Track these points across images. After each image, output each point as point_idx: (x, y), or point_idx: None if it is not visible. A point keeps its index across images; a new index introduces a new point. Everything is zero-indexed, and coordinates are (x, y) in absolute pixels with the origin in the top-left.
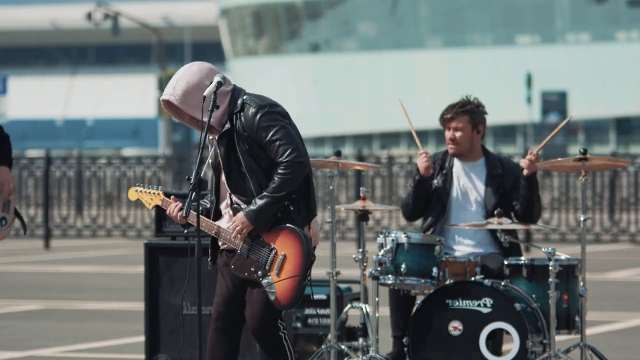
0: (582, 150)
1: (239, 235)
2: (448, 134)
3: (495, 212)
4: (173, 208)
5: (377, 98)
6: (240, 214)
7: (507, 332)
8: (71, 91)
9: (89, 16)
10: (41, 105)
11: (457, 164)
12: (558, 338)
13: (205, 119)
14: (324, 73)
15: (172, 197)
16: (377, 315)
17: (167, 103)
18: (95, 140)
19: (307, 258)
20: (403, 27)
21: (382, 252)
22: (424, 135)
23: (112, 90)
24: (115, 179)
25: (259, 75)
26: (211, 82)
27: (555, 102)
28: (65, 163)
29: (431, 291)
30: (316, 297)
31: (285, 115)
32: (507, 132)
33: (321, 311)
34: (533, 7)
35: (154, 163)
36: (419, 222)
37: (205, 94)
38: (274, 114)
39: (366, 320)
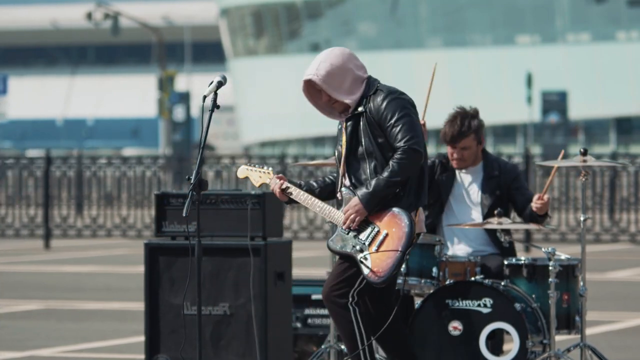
0: (582, 150)
1: (350, 223)
2: (454, 153)
3: (495, 212)
4: (274, 184)
5: None
6: (355, 199)
7: (507, 332)
8: (71, 91)
9: (89, 16)
10: (41, 105)
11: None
12: (558, 338)
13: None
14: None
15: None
16: None
17: (307, 84)
18: (95, 140)
19: (409, 238)
20: (403, 27)
21: None
22: None
23: (112, 90)
24: (115, 179)
25: (259, 75)
26: (355, 67)
27: (555, 102)
28: (65, 163)
29: (431, 291)
30: (316, 297)
31: (413, 105)
32: (507, 132)
33: (321, 311)
34: (533, 7)
35: (154, 163)
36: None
37: (205, 93)
38: (402, 100)
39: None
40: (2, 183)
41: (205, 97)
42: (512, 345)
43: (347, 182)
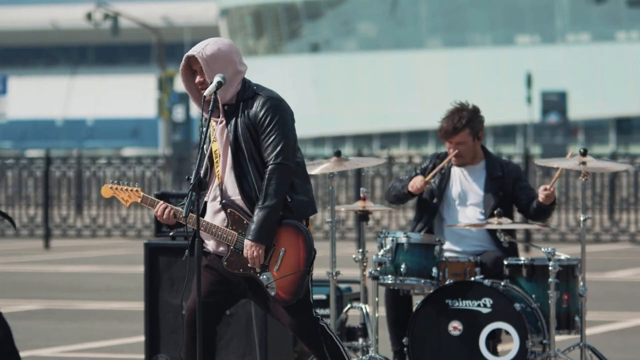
0: (582, 150)
1: (258, 260)
2: (450, 148)
3: (495, 212)
4: (161, 208)
5: (377, 98)
6: (247, 242)
7: (507, 332)
8: (71, 91)
9: (89, 16)
10: (41, 105)
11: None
12: (558, 338)
13: (206, 116)
14: (323, 73)
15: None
16: (377, 315)
17: (187, 61)
18: (95, 140)
19: (309, 252)
20: (403, 27)
21: (381, 252)
22: (424, 135)
23: (112, 91)
24: (115, 179)
25: (259, 75)
26: (239, 61)
27: (555, 102)
28: (65, 163)
29: (431, 291)
30: (316, 297)
31: (290, 113)
32: (507, 132)
33: (321, 311)
34: (533, 7)
35: (154, 163)
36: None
37: (205, 93)
38: (280, 108)
39: (366, 320)
40: (2, 183)
41: (204, 97)
42: (512, 345)
43: (230, 193)
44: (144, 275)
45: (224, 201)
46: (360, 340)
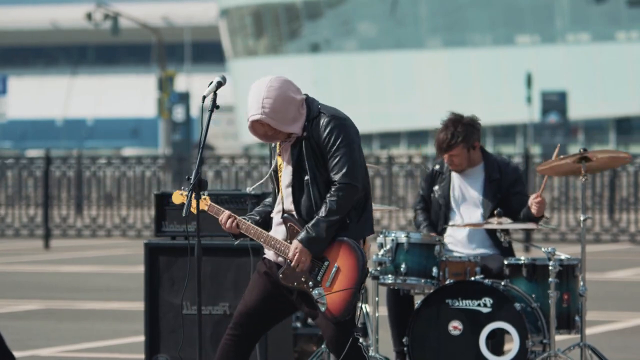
0: (582, 150)
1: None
2: (446, 158)
3: (495, 212)
4: (225, 216)
5: (377, 98)
6: (296, 243)
7: (507, 332)
8: (71, 91)
9: (89, 16)
10: (41, 105)
11: None
12: (558, 338)
13: (206, 119)
14: (323, 73)
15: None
16: (377, 315)
17: (256, 123)
18: (95, 140)
19: (362, 271)
20: (403, 27)
21: (382, 252)
22: (423, 135)
23: (112, 90)
24: (115, 179)
25: (259, 75)
26: (295, 92)
27: (555, 102)
28: (65, 163)
29: (431, 291)
30: None
31: (356, 132)
32: (507, 132)
33: None
34: (533, 7)
35: (154, 163)
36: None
37: (205, 93)
38: (345, 127)
39: (366, 320)
40: (2, 183)
41: (204, 97)
42: (512, 345)
43: (290, 208)
44: (144, 275)
45: (284, 215)
46: (360, 340)
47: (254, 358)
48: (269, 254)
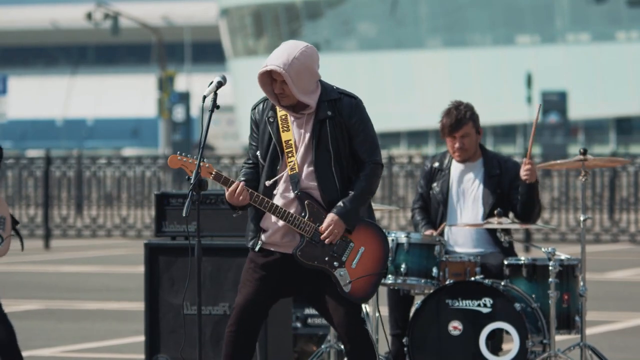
0: (582, 150)
1: (332, 237)
2: (455, 143)
3: (495, 211)
4: (240, 187)
5: (377, 98)
6: (333, 216)
7: (507, 332)
8: (71, 91)
9: (89, 16)
10: (41, 105)
11: (455, 164)
12: (558, 338)
13: (206, 120)
14: (323, 73)
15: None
16: (377, 315)
17: (272, 75)
18: (95, 140)
19: (387, 255)
20: (403, 27)
21: None
22: (423, 135)
23: (112, 90)
24: (115, 179)
25: None
26: (317, 68)
27: (555, 102)
28: (65, 163)
29: (431, 291)
30: None
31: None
32: (506, 132)
33: None
34: (533, 7)
35: (154, 163)
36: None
37: (205, 93)
38: (364, 109)
39: (366, 320)
40: (2, 183)
41: (205, 97)
42: (512, 345)
43: (309, 185)
44: (144, 275)
45: (300, 192)
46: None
47: (254, 358)
48: (270, 243)
